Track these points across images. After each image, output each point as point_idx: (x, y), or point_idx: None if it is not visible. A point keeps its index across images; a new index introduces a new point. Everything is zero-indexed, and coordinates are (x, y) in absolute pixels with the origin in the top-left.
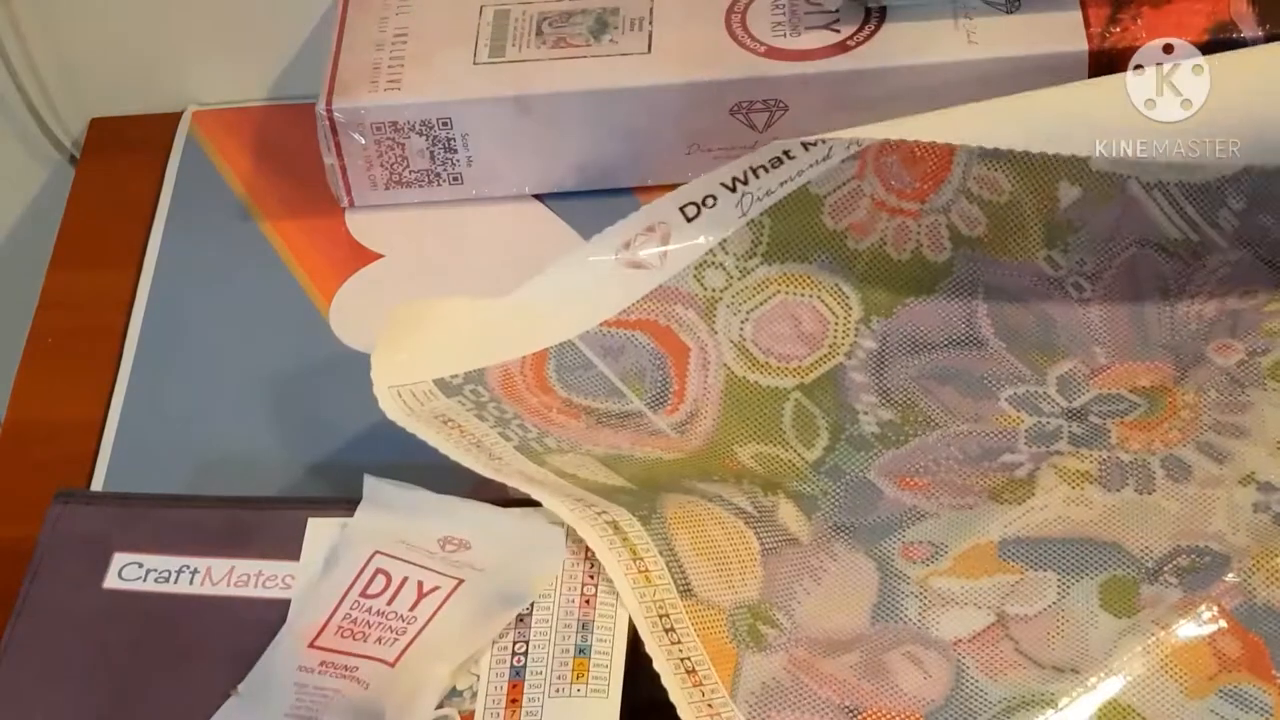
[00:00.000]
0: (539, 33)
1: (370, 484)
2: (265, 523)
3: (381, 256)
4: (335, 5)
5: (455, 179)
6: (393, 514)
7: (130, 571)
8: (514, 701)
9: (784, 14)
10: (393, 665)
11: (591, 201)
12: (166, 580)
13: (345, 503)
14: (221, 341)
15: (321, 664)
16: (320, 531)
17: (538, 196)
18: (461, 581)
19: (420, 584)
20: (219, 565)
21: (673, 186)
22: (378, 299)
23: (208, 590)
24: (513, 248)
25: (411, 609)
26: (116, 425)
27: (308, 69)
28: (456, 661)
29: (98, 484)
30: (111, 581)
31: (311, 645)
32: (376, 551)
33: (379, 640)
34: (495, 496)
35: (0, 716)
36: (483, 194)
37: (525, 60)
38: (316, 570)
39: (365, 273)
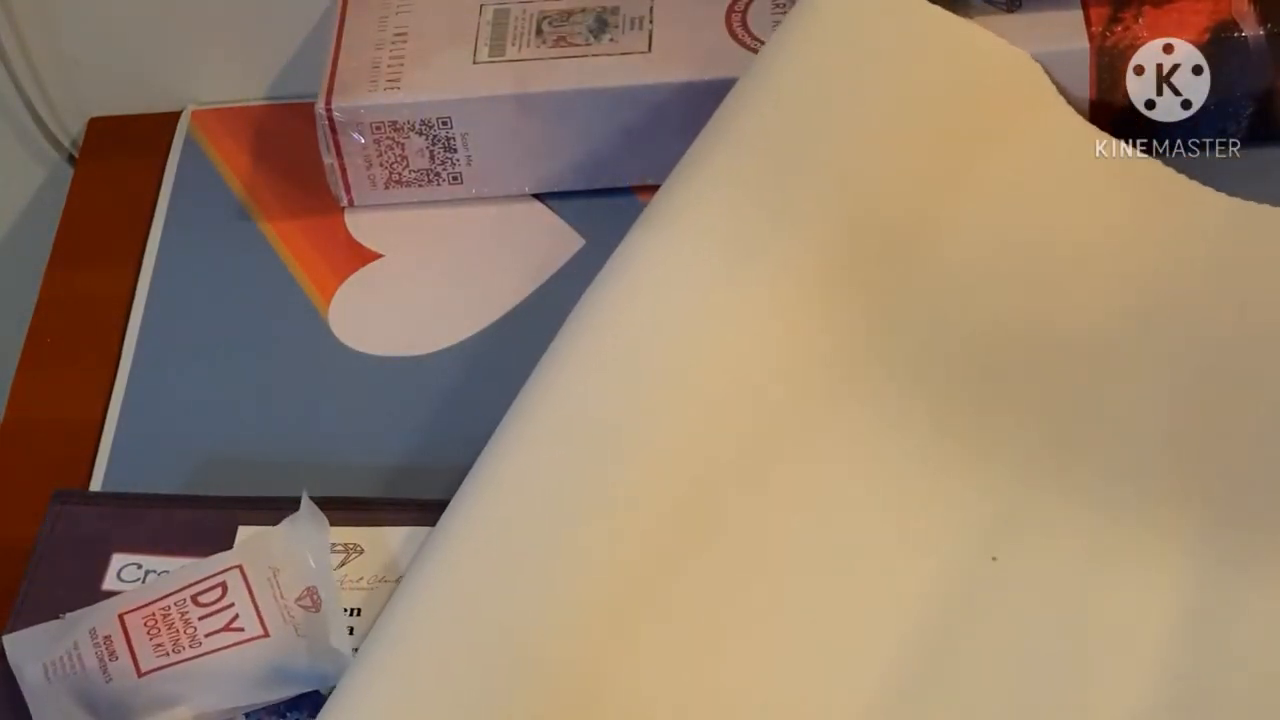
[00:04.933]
0: (539, 32)
1: (306, 505)
2: (264, 523)
3: (381, 256)
4: (335, 4)
5: (455, 178)
6: (296, 542)
7: (129, 572)
8: None
9: (785, 14)
10: (139, 677)
11: (591, 201)
12: None
13: (343, 503)
14: (220, 341)
15: (106, 637)
16: None
17: (538, 196)
18: (266, 636)
19: (235, 618)
20: None
21: None
22: (377, 299)
23: None
24: (513, 247)
25: (208, 635)
26: (115, 425)
27: (307, 68)
28: (204, 709)
29: (96, 484)
30: (110, 582)
31: (121, 615)
32: (239, 565)
33: (157, 646)
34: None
35: (0, 716)
36: (482, 193)
37: (525, 59)
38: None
39: (365, 272)
